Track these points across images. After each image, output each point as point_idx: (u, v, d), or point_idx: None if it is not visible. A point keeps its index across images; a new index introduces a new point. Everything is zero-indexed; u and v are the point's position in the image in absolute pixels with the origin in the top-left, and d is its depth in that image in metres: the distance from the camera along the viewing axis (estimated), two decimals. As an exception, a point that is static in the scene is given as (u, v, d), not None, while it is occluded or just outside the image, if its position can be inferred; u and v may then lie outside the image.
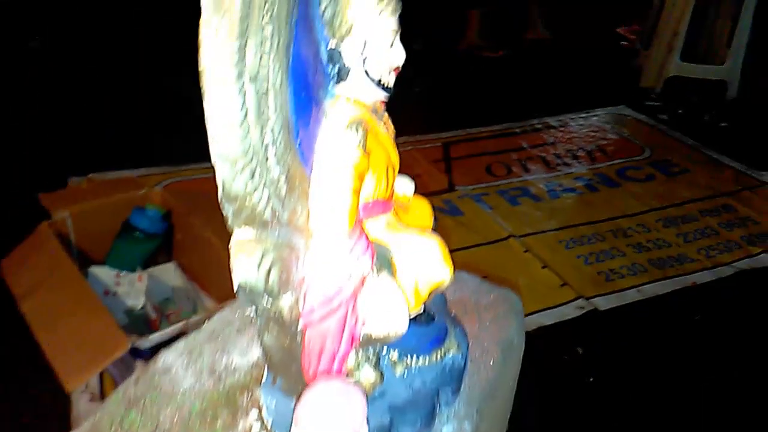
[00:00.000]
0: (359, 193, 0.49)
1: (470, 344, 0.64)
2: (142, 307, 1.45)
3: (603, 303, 1.85)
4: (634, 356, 1.64)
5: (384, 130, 0.53)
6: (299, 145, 0.46)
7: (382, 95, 0.52)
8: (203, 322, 0.65)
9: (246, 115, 0.41)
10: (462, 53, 3.42)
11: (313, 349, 0.48)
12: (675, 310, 1.81)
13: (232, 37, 0.39)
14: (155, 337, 1.20)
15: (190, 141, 0.82)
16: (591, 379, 1.54)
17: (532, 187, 2.39)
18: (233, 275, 0.44)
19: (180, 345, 0.65)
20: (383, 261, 0.51)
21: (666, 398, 1.50)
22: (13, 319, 1.24)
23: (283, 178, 0.44)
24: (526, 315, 1.86)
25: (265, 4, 0.41)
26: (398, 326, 0.49)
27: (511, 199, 2.31)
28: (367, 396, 0.49)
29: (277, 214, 0.45)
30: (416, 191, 0.61)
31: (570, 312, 1.82)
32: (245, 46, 0.40)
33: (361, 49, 0.49)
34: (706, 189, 2.40)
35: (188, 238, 1.55)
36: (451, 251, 0.55)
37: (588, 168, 2.52)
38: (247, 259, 0.44)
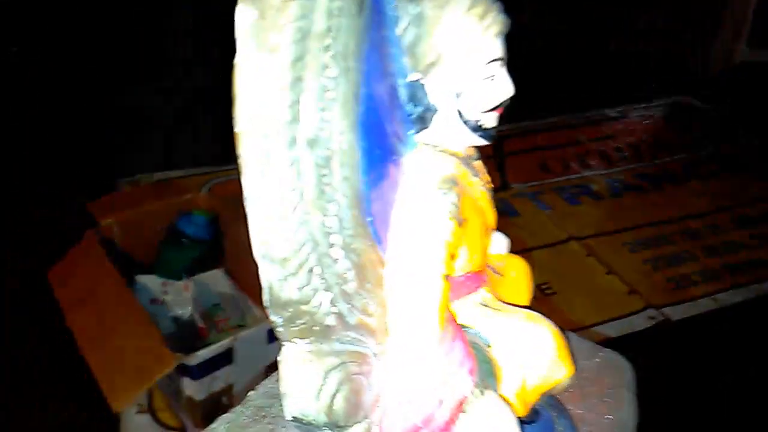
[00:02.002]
0: (450, 275, 0.37)
1: None
2: (190, 315, 1.41)
3: (675, 313, 1.70)
4: (709, 372, 1.48)
5: (480, 184, 0.40)
6: (372, 221, 0.33)
7: (480, 141, 0.38)
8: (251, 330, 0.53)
9: (302, 196, 0.28)
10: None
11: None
12: (754, 322, 1.64)
13: (282, 87, 0.26)
14: (202, 354, 1.15)
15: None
16: (662, 396, 1.39)
17: (593, 184, 2.22)
18: (284, 406, 0.32)
19: (223, 425, 0.54)
20: (480, 359, 0.39)
21: (745, 416, 1.34)
22: (61, 331, 1.21)
23: (352, 271, 0.32)
24: (591, 326, 1.71)
25: (327, 33, 0.28)
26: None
27: (569, 197, 2.15)
28: None
29: (343, 317, 0.33)
30: None
31: (639, 323, 1.67)
32: (299, 99, 0.27)
33: (454, 83, 0.35)
34: (781, 186, 2.20)
35: (236, 244, 1.50)
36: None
37: (652, 163, 2.33)
38: (303, 387, 0.31)
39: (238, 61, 0.26)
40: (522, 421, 0.43)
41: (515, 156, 2.35)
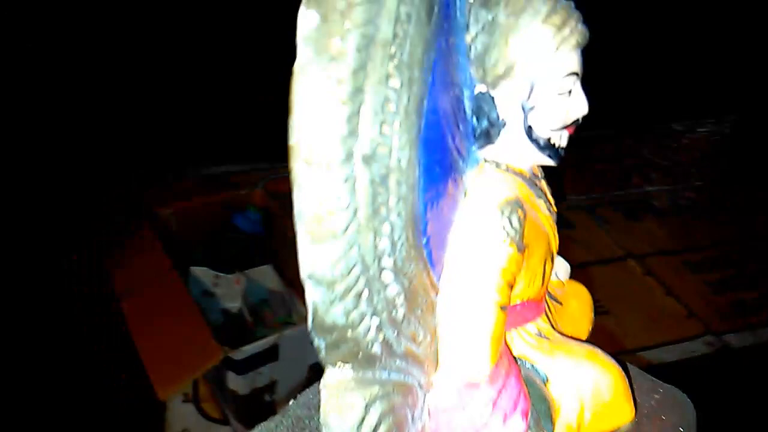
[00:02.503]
0: (507, 308, 0.34)
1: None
2: (239, 309, 1.43)
3: (736, 340, 1.61)
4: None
5: (545, 208, 0.37)
6: (427, 242, 0.31)
7: (547, 161, 0.35)
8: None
9: (354, 215, 0.26)
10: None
11: None
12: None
13: (341, 98, 0.24)
14: (248, 350, 1.17)
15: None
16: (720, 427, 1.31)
17: (655, 200, 2.13)
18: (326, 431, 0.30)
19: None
20: (536, 398, 0.36)
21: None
22: (115, 318, 1.27)
23: (402, 296, 0.30)
24: (644, 348, 1.64)
25: (393, 41, 0.26)
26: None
27: (629, 212, 2.07)
28: None
29: (390, 345, 0.30)
30: None
31: (697, 348, 1.60)
32: (359, 111, 0.25)
33: (526, 96, 0.33)
34: None
35: (286, 241, 1.54)
36: None
37: (718, 181, 2.23)
38: (343, 417, 0.29)
39: (297, 67, 0.24)
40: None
41: (573, 166, 2.28)
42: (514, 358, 0.37)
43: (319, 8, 0.24)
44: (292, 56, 0.25)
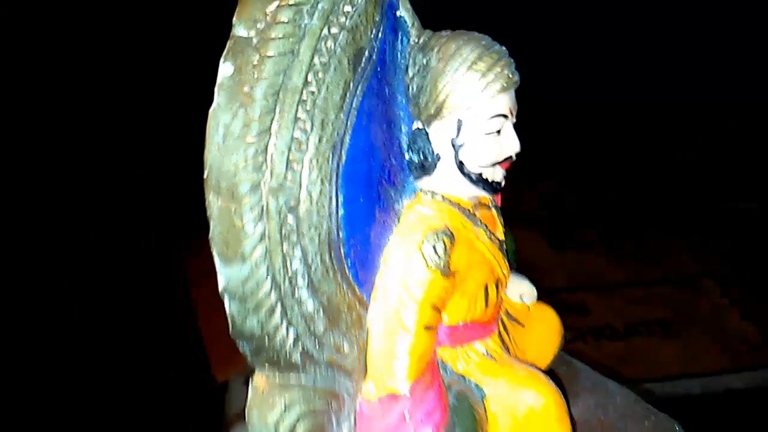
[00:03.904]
0: (434, 328, 0.36)
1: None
2: None
3: None
4: None
5: (486, 236, 0.38)
6: (352, 265, 0.34)
7: (482, 193, 0.37)
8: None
9: (261, 239, 0.30)
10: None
11: None
12: None
13: (247, 137, 0.28)
14: None
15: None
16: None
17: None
18: (249, 427, 0.34)
19: None
20: (463, 413, 0.38)
21: None
22: (185, 303, 1.35)
23: (320, 312, 0.33)
24: (713, 374, 1.56)
25: (304, 87, 0.29)
26: None
27: (714, 227, 1.96)
28: None
29: (311, 354, 0.34)
30: (597, 211, 0.45)
31: None
32: (266, 149, 0.29)
33: (455, 134, 0.35)
34: None
35: None
36: (625, 285, 0.40)
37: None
38: (262, 413, 0.33)
39: (211, 111, 0.28)
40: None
41: None
42: (460, 375, 0.40)
43: (234, 61, 0.28)
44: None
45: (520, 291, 0.45)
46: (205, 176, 0.29)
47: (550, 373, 0.44)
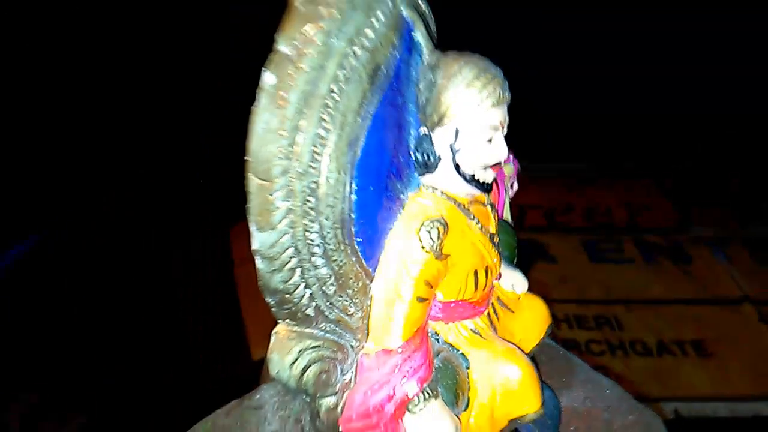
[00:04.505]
0: (427, 302, 0.44)
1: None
2: None
3: None
4: None
5: (477, 228, 0.46)
6: (361, 242, 0.42)
7: (476, 192, 0.44)
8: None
9: (287, 212, 0.38)
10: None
11: (350, 455, 0.44)
12: None
13: (281, 131, 0.36)
14: None
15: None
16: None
17: (791, 244, 1.96)
18: (269, 365, 0.42)
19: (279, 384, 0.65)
20: (449, 378, 0.45)
21: None
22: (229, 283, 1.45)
23: (332, 278, 0.41)
24: (745, 398, 1.55)
25: (328, 95, 0.37)
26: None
27: (759, 255, 1.93)
28: None
29: (323, 311, 0.42)
30: (639, 224, 0.51)
31: None
32: (295, 142, 0.37)
33: (453, 141, 0.42)
34: None
35: None
36: (662, 302, 0.46)
37: None
38: (281, 355, 0.41)
39: (254, 109, 0.36)
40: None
41: (701, 199, 2.16)
42: (436, 341, 0.47)
43: (275, 71, 0.36)
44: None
45: (513, 281, 0.52)
46: (247, 159, 0.37)
47: (533, 359, 0.50)
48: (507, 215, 0.59)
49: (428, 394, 0.42)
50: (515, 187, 0.59)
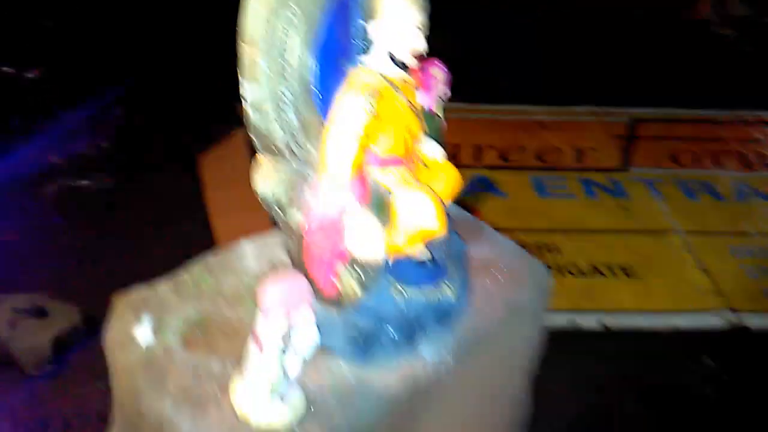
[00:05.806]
0: (364, 146, 0.63)
1: (482, 299, 0.75)
2: None
3: (756, 322, 1.65)
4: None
5: (404, 100, 0.65)
6: (321, 101, 0.61)
7: (400, 71, 0.64)
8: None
9: (269, 74, 0.57)
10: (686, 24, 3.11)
11: (311, 257, 0.64)
12: None
13: (264, 19, 0.55)
14: None
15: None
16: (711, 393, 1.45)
17: (718, 184, 2.16)
18: (254, 185, 0.62)
19: (259, 240, 0.85)
20: (379, 202, 0.65)
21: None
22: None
23: (299, 125, 0.60)
24: (660, 311, 1.70)
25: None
26: (372, 251, 0.63)
27: (689, 191, 2.12)
28: (349, 301, 0.65)
29: (293, 150, 0.61)
30: (585, 164, 0.69)
31: (713, 322, 1.64)
32: (275, 25, 0.56)
33: (384, 30, 0.61)
34: None
35: None
36: (597, 231, 0.62)
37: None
38: (263, 176, 0.61)
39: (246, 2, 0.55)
40: (421, 263, 0.69)
41: (647, 141, 2.34)
42: (381, 183, 0.66)
43: None
44: None
45: (432, 149, 0.72)
46: (241, 35, 0.56)
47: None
48: (439, 110, 0.78)
49: (366, 210, 0.62)
50: (448, 93, 0.78)
